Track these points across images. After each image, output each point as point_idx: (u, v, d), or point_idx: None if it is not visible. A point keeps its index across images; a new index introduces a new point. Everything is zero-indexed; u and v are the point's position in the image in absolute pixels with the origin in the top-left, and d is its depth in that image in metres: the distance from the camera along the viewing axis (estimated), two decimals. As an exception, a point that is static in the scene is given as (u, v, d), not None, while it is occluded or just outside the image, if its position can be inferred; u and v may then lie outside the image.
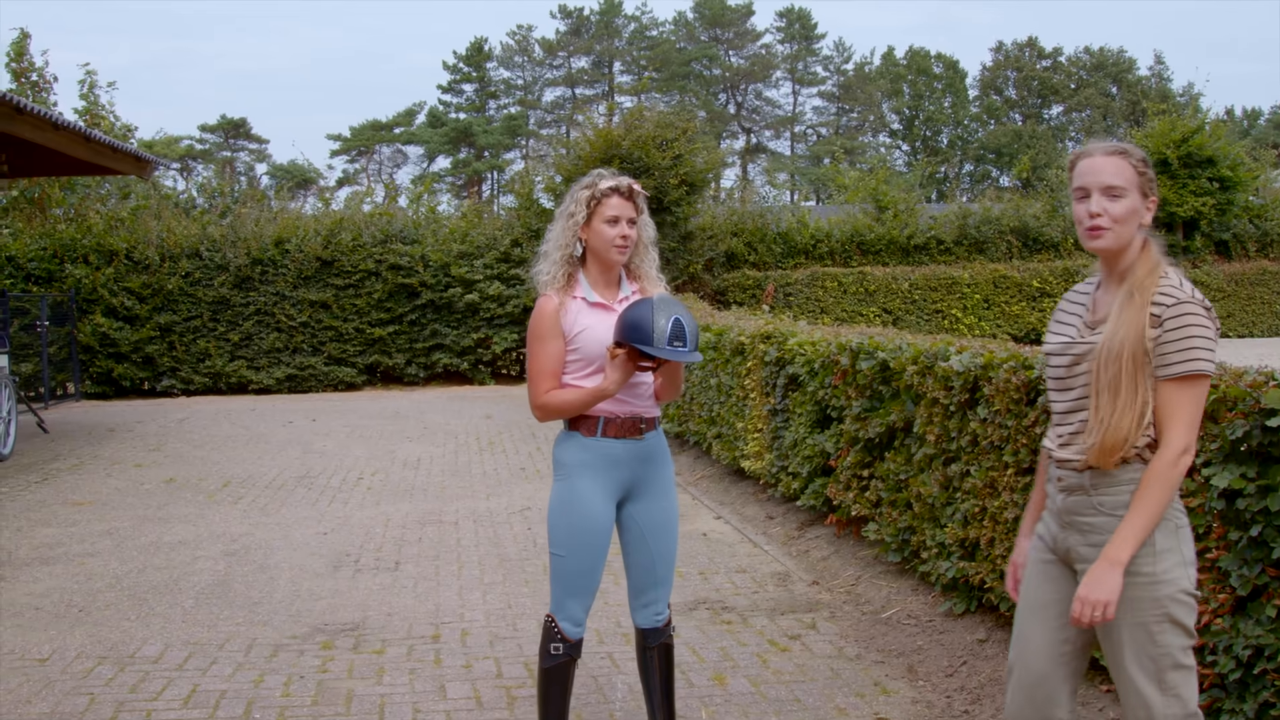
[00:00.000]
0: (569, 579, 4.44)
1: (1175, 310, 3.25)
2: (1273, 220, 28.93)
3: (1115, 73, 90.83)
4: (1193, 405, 3.25)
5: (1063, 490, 3.44)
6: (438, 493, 10.88)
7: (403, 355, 21.69)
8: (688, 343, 4.26)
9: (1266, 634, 4.18)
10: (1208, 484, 4.43)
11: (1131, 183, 3.37)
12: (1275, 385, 4.24)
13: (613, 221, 4.38)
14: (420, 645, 6.38)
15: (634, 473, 4.50)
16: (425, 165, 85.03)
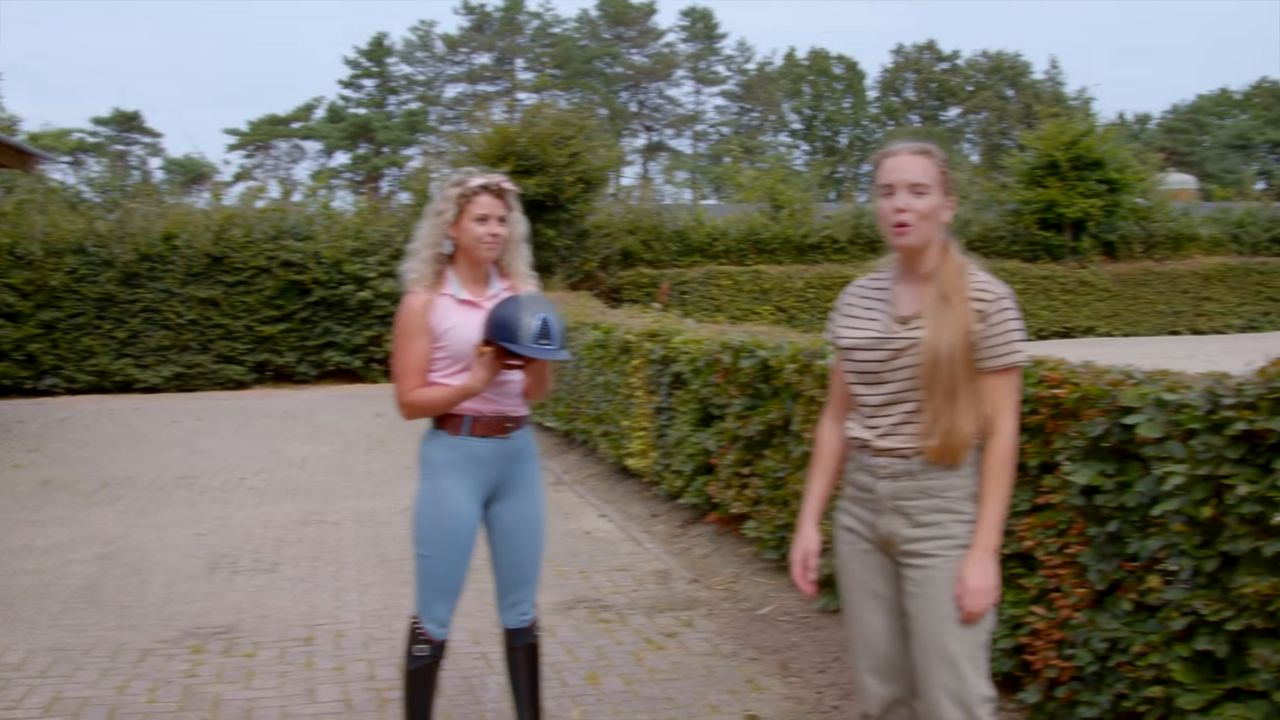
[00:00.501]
0: (434, 580, 4.40)
1: (996, 306, 3.39)
2: (1158, 222, 29.49)
3: (1011, 76, 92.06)
4: (1017, 393, 3.45)
5: (886, 478, 3.47)
6: (322, 492, 10.75)
7: (294, 353, 21.40)
8: (554, 341, 4.24)
9: (1122, 627, 4.24)
10: (1068, 481, 4.48)
11: (935, 181, 3.45)
12: (1133, 384, 4.30)
13: (482, 219, 4.34)
14: (293, 648, 6.29)
15: (500, 472, 4.46)
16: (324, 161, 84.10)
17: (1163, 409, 4.05)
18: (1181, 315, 28.63)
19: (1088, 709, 4.41)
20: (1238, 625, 3.67)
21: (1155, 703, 4.04)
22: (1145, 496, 4.15)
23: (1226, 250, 30.06)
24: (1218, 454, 3.75)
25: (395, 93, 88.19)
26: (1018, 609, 4.82)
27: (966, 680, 3.36)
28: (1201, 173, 75.45)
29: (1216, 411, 3.78)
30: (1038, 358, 4.98)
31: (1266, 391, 3.65)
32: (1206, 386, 3.89)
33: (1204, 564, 3.83)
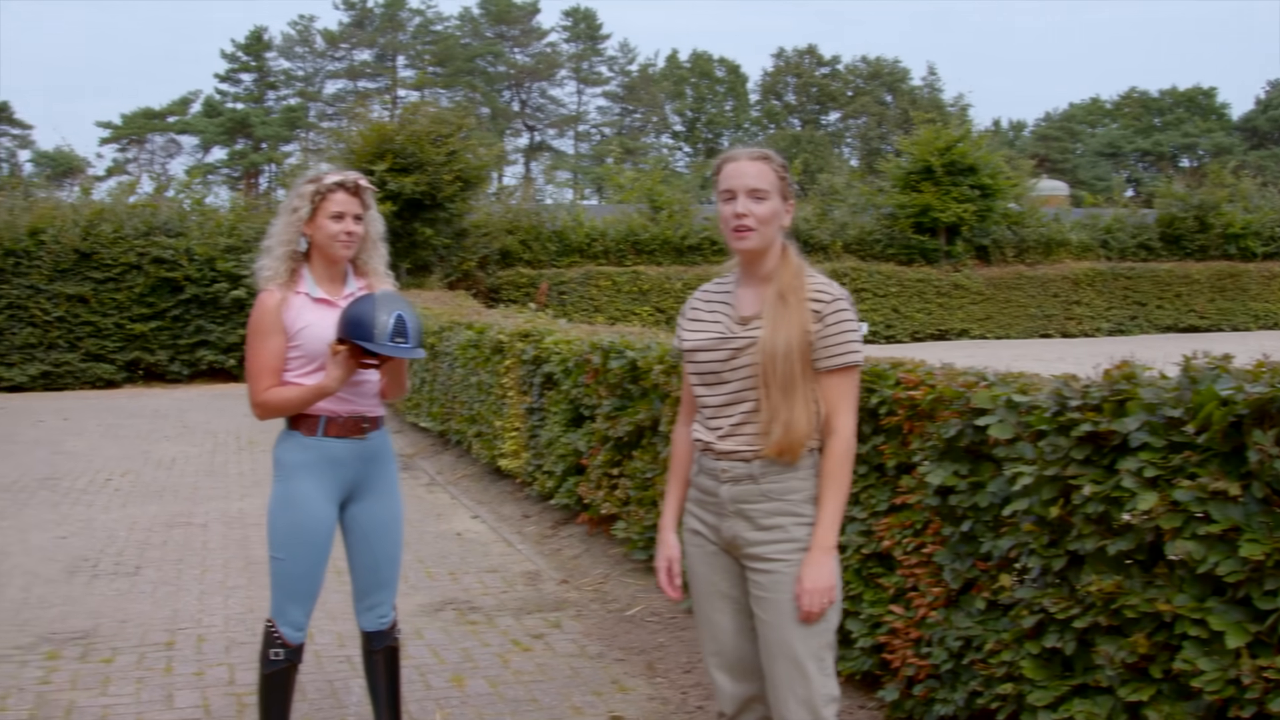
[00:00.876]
0: (289, 583, 4.33)
1: (833, 307, 3.42)
2: (1029, 227, 30.11)
3: (890, 82, 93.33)
4: (854, 393, 3.47)
5: (728, 481, 3.50)
6: (190, 494, 10.56)
7: (165, 352, 21.01)
8: (410, 339, 4.20)
9: (975, 626, 4.31)
10: (924, 481, 4.55)
11: (774, 186, 3.49)
12: (985, 386, 4.37)
13: (337, 217, 4.29)
14: (152, 653, 6.17)
15: (357, 473, 4.41)
16: (200, 156, 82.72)
17: (1013, 410, 4.12)
18: (1052, 319, 29.26)
19: (944, 706, 4.48)
20: (1084, 623, 3.74)
21: (1007, 699, 4.11)
22: (997, 497, 4.22)
23: (1095, 255, 30.79)
24: (1065, 455, 3.82)
25: (274, 88, 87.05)
26: (876, 608, 4.88)
27: (812, 682, 3.39)
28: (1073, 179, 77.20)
29: (1063, 413, 3.86)
30: (896, 360, 5.06)
31: (1110, 394, 3.73)
32: (1054, 389, 3.97)
33: (1052, 563, 3.90)
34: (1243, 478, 3.32)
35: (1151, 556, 3.63)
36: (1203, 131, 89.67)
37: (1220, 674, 3.28)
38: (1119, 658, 3.60)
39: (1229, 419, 3.33)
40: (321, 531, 4.33)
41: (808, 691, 3.39)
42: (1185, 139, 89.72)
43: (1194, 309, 30.50)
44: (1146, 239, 31.37)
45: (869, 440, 4.93)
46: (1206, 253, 31.52)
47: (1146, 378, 3.76)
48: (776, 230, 3.51)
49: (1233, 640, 3.25)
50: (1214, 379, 3.48)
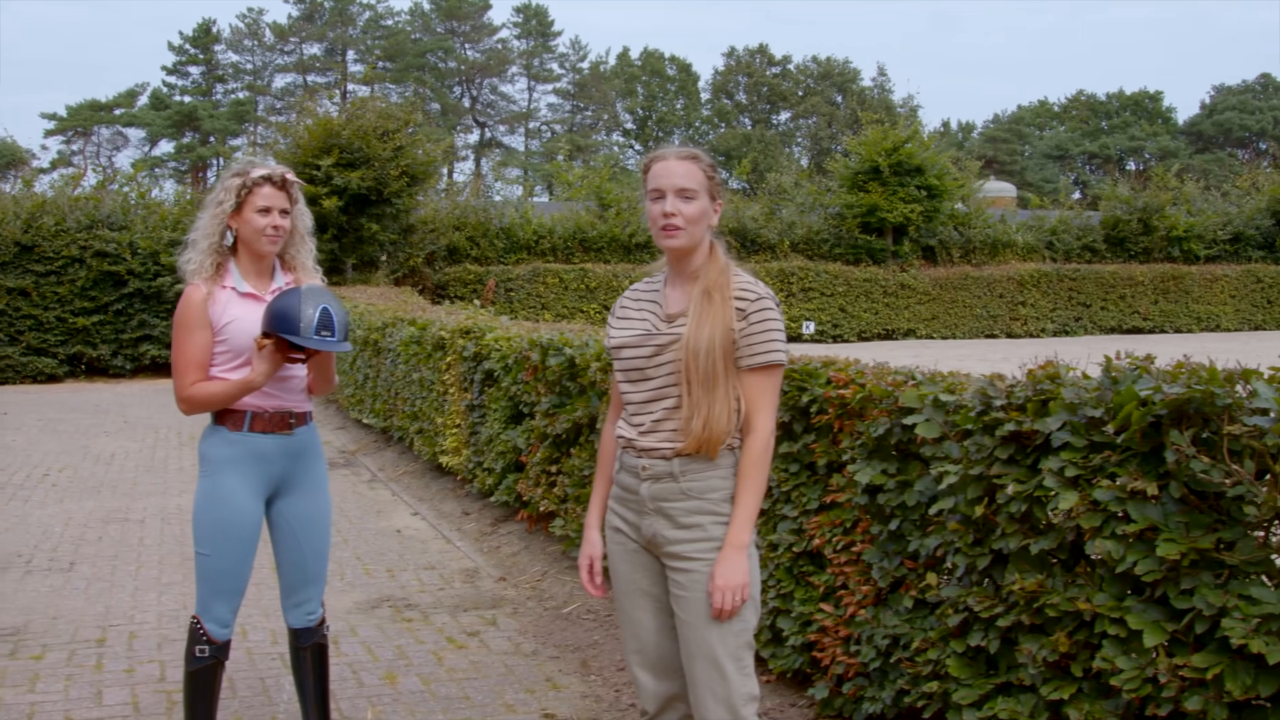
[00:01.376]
0: (214, 578, 4.30)
1: (757, 305, 3.42)
2: (975, 228, 30.30)
3: (840, 82, 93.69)
4: (774, 392, 3.45)
5: (648, 478, 3.50)
6: (128, 489, 10.47)
7: (108, 346, 20.81)
8: (336, 332, 4.18)
9: (903, 624, 4.34)
10: (853, 479, 4.57)
11: (702, 186, 3.49)
12: (913, 385, 4.40)
13: (264, 211, 4.26)
14: (83, 649, 6.11)
15: (283, 468, 4.39)
16: (147, 149, 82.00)
17: (940, 409, 4.15)
18: (998, 319, 29.45)
19: (872, 705, 4.50)
20: (1007, 621, 3.77)
21: (933, 698, 4.14)
22: (924, 495, 4.25)
23: (1041, 257, 31.03)
24: (989, 454, 3.85)
25: (222, 81, 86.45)
26: (807, 606, 4.89)
27: (730, 681, 3.40)
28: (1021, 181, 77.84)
29: (988, 412, 3.89)
30: (828, 358, 5.08)
31: (1034, 394, 3.76)
32: (979, 388, 4.00)
33: (977, 562, 3.93)
34: (1160, 478, 3.35)
35: (1073, 555, 3.66)
36: (1149, 135, 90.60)
37: (1138, 672, 3.31)
38: (1041, 656, 3.63)
39: (1148, 419, 3.37)
40: (247, 527, 4.30)
41: (726, 691, 3.40)
42: (1131, 142, 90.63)
43: (1138, 311, 30.78)
44: (1091, 241, 31.64)
45: (800, 439, 4.96)
46: (1150, 255, 31.83)
47: (1069, 378, 3.79)
48: (704, 229, 3.51)
49: (1150, 639, 3.28)
50: (1134, 379, 3.51)
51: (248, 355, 4.25)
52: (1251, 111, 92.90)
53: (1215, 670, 3.15)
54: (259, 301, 4.30)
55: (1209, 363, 3.48)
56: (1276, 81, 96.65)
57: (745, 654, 3.44)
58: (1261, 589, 3.13)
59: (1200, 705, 3.17)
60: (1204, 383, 3.28)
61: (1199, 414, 3.33)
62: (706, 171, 3.51)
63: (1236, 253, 32.80)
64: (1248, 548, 3.19)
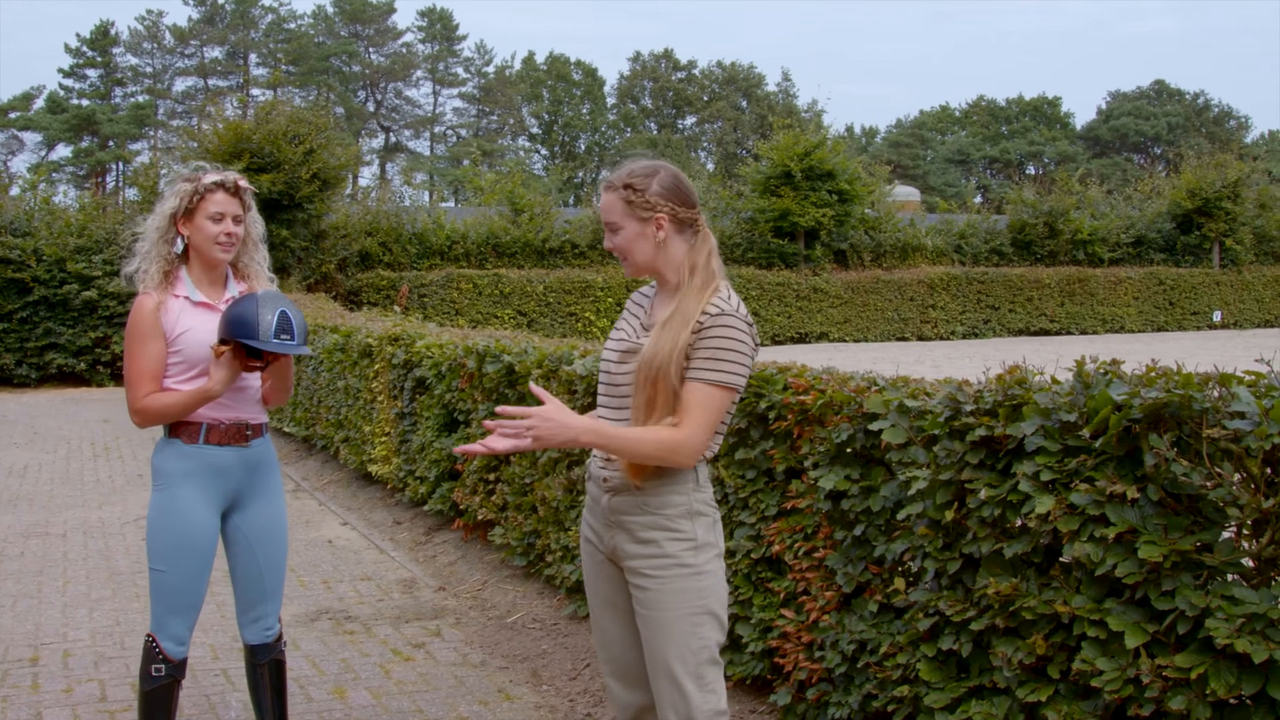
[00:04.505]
0: (170, 595, 4.19)
1: (716, 322, 3.29)
2: (886, 232, 30.60)
3: (745, 87, 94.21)
4: (712, 410, 3.28)
5: (609, 491, 3.46)
6: (45, 502, 10.23)
7: (12, 355, 20.35)
8: (295, 336, 4.10)
9: (869, 629, 4.34)
10: (815, 485, 4.57)
11: (621, 213, 3.42)
12: (877, 391, 4.40)
13: (216, 218, 4.16)
14: (16, 669, 5.94)
15: (239, 482, 4.29)
16: (44, 153, 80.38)
17: (905, 415, 4.15)
18: (909, 322, 29.75)
19: (838, 709, 4.49)
20: (980, 625, 3.78)
21: (903, 702, 4.14)
22: (890, 501, 4.25)
23: (950, 260, 31.42)
24: (959, 459, 3.86)
25: (121, 84, 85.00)
26: (767, 612, 4.88)
27: (690, 699, 3.35)
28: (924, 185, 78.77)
29: (958, 418, 3.89)
30: (783, 365, 5.07)
31: (1004, 399, 3.77)
32: (948, 394, 4.00)
33: (947, 566, 3.94)
34: (1138, 481, 3.37)
35: (1047, 559, 3.68)
36: (1048, 140, 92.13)
37: (1119, 673, 3.32)
38: (1016, 659, 3.64)
39: (1124, 423, 3.39)
40: (204, 541, 4.20)
41: (687, 708, 3.35)
42: (1031, 147, 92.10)
43: (1044, 313, 31.24)
44: (998, 244, 32.09)
45: (757, 445, 4.94)
46: (1056, 258, 32.34)
47: (1038, 382, 3.80)
48: (653, 249, 3.42)
49: (1132, 640, 3.29)
50: (1106, 384, 3.53)
51: (203, 366, 4.16)
52: (1146, 117, 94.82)
53: (1199, 670, 3.17)
54: (213, 311, 4.20)
55: (1177, 366, 3.52)
56: (1170, 88, 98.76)
57: (707, 670, 3.38)
58: (1243, 589, 3.16)
59: (1184, 705, 3.19)
60: (1181, 387, 3.31)
61: (1174, 418, 3.35)
62: (623, 196, 3.41)
63: (1139, 255, 33.45)
64: (1227, 549, 3.22)
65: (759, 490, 4.97)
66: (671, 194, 3.40)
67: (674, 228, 3.41)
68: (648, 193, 3.40)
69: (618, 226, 3.42)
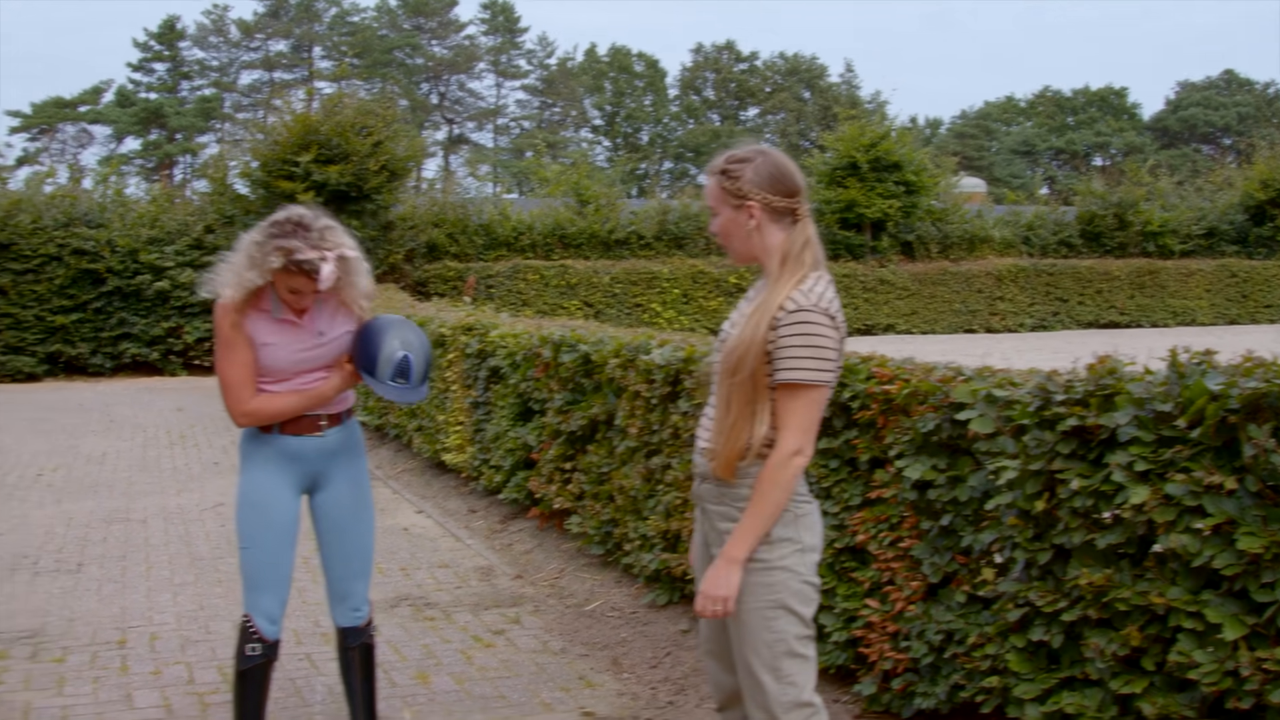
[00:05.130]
0: (257, 571, 4.30)
1: (792, 319, 3.26)
2: (953, 224, 30.35)
3: (808, 78, 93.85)
4: (801, 411, 3.26)
5: (697, 476, 3.51)
6: (125, 489, 10.38)
7: (87, 345, 20.60)
8: (411, 380, 4.22)
9: (956, 619, 4.34)
10: (900, 475, 4.56)
11: (718, 198, 3.44)
12: (964, 380, 4.39)
13: (292, 291, 4.13)
14: (105, 652, 6.05)
15: (317, 466, 4.39)
16: (113, 146, 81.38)
17: (993, 405, 4.14)
18: (976, 314, 29.52)
19: (924, 700, 4.50)
20: (1072, 616, 3.77)
21: (992, 692, 4.14)
22: (977, 491, 4.24)
23: (1017, 252, 31.12)
24: (1050, 449, 3.84)
25: (188, 78, 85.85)
26: (851, 602, 4.88)
27: (768, 690, 3.36)
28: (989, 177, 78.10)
29: (1048, 408, 3.88)
30: (865, 354, 5.06)
31: (1096, 388, 3.76)
32: (1037, 383, 3.99)
33: (1037, 556, 3.93)
34: (1236, 471, 3.36)
35: (1141, 549, 3.66)
36: (1115, 131, 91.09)
37: (1217, 666, 3.31)
38: (1110, 650, 3.63)
39: (1221, 414, 3.37)
40: (283, 518, 4.32)
41: (765, 700, 3.37)
42: (1098, 138, 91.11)
43: (1114, 305, 30.91)
44: (1067, 236, 31.76)
45: (840, 435, 4.93)
46: (1126, 250, 31.97)
47: (1130, 372, 3.79)
48: (747, 237, 3.42)
49: (1230, 632, 3.28)
50: (1201, 374, 3.52)
51: (280, 375, 4.25)
52: (1216, 108, 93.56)
53: (1300, 663, 3.16)
54: (295, 327, 4.24)
55: (1273, 357, 3.49)
56: (1240, 78, 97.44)
57: (785, 662, 3.37)
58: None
59: (1284, 698, 3.17)
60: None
61: (1273, 409, 3.33)
62: (720, 181, 3.43)
63: (1210, 247, 32.99)
64: (1329, 541, 3.20)
65: (842, 480, 4.97)
66: (766, 181, 3.39)
67: (768, 216, 3.40)
68: (741, 180, 3.40)
69: (715, 212, 3.45)
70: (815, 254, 3.41)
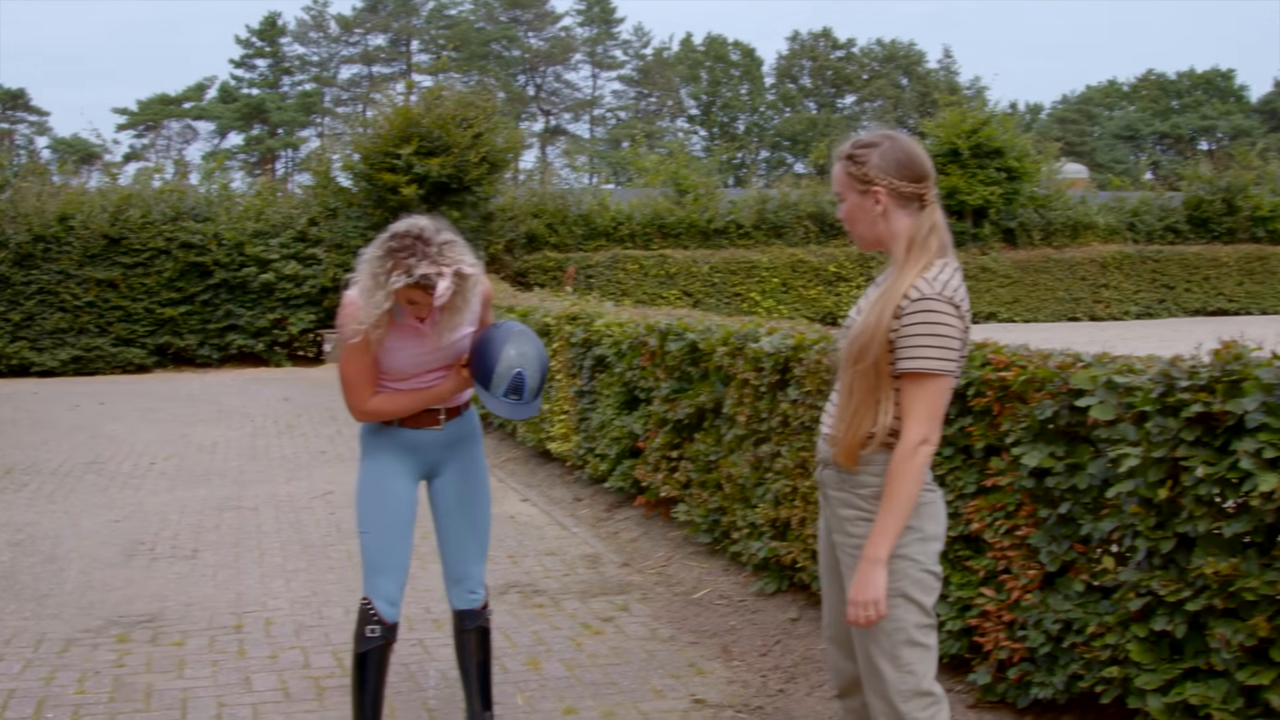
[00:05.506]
0: (377, 555, 4.37)
1: (915, 306, 3.23)
2: (1056, 210, 29.93)
3: (906, 65, 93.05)
4: (925, 400, 3.24)
5: (820, 462, 3.51)
6: (235, 477, 10.56)
7: (195, 336, 21.01)
8: (524, 396, 4.24)
9: (1075, 608, 4.28)
10: (1017, 462, 4.51)
11: (844, 184, 3.42)
12: (1083, 367, 4.33)
13: (410, 302, 4.13)
14: (222, 636, 6.16)
15: (436, 456, 4.47)
16: (217, 142, 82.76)
17: (1114, 391, 4.08)
18: (1080, 302, 29.11)
19: (1041, 689, 4.45)
20: (1196, 605, 3.71)
21: (1112, 683, 4.08)
22: (1097, 478, 4.18)
23: (1122, 239, 30.62)
24: (1173, 436, 3.78)
25: (289, 73, 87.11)
26: (965, 591, 4.84)
27: (886, 678, 3.34)
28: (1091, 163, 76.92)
29: (1171, 394, 3.82)
30: (980, 341, 5.00)
31: (1221, 374, 3.69)
32: (1160, 370, 3.93)
33: (1160, 545, 3.87)
34: (1370, 458, 3.28)
35: (1269, 538, 3.59)
36: (1221, 114, 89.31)
37: (1350, 656, 3.24)
38: (1236, 641, 3.57)
39: (1353, 399, 3.30)
40: (400, 505, 4.38)
41: (883, 687, 3.36)
42: (1204, 121, 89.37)
43: (1222, 292, 30.30)
44: (1173, 222, 31.18)
45: (955, 422, 4.88)
46: (1234, 235, 31.31)
47: (1256, 358, 3.71)
48: (873, 223, 3.39)
49: (1364, 622, 3.21)
50: (1332, 359, 3.44)
51: (399, 374, 4.32)
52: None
53: None
54: (418, 333, 4.27)
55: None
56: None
57: (904, 650, 3.35)
58: None
59: None
60: None
61: None
62: (846, 167, 3.40)
63: (1323, 233, 32.23)
64: None
65: (956, 468, 4.92)
66: (892, 167, 3.35)
67: (894, 201, 3.36)
68: (867, 165, 3.37)
69: (842, 197, 3.43)
70: (942, 240, 3.36)
